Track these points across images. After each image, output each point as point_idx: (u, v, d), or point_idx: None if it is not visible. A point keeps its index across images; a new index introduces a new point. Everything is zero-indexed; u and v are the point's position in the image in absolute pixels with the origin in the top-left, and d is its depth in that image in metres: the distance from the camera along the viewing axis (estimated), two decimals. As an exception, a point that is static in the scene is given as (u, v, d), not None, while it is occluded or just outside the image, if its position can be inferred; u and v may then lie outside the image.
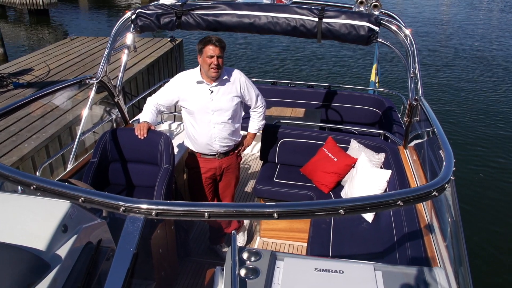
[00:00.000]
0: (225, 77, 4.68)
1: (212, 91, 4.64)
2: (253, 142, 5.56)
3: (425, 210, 4.08)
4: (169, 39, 13.68)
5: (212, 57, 4.42)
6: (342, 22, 4.61)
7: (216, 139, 4.85)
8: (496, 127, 12.92)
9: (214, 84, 4.63)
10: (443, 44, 22.73)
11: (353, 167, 5.38)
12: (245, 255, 2.69)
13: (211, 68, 4.46)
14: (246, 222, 5.86)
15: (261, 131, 5.65)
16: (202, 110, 4.71)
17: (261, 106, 5.12)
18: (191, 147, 5.05)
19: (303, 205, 2.38)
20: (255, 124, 5.28)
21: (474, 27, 27.22)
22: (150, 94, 5.06)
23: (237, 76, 4.76)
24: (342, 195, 5.34)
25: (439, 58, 20.03)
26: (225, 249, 5.59)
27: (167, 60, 13.66)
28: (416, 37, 4.64)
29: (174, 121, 6.97)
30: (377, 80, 10.19)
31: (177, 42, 13.47)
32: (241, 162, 5.46)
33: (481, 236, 8.23)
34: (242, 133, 5.21)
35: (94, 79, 4.97)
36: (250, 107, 5.11)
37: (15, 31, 24.82)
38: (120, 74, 5.53)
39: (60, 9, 29.91)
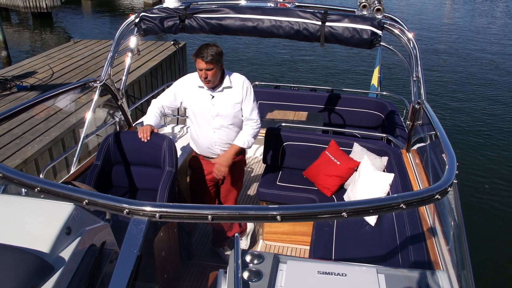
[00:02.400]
0: (228, 83, 4.66)
1: (213, 97, 4.64)
2: (256, 146, 5.54)
3: (427, 214, 4.08)
4: (172, 42, 13.69)
5: (201, 70, 4.42)
6: (345, 25, 4.61)
7: (217, 144, 4.86)
8: (499, 131, 12.91)
9: (216, 89, 4.64)
10: (446, 48, 22.73)
11: (356, 170, 5.39)
12: (248, 258, 2.69)
13: (203, 80, 4.50)
14: (249, 225, 5.86)
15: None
16: (202, 115, 4.72)
17: (255, 121, 4.85)
18: (195, 149, 5.07)
19: (306, 207, 2.39)
20: (242, 137, 4.88)
21: (477, 32, 27.20)
22: (153, 97, 5.07)
23: (241, 82, 4.71)
24: (345, 198, 5.34)
25: (442, 61, 20.02)
26: (228, 252, 5.59)
27: (170, 63, 13.67)
28: (419, 40, 4.65)
29: (177, 124, 6.98)
30: (379, 84, 10.18)
31: (180, 45, 13.48)
32: (244, 164, 5.44)
33: (484, 240, 8.22)
34: None
35: (98, 82, 4.97)
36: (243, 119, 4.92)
37: (19, 34, 24.88)
38: (124, 77, 5.54)
39: (63, 12, 29.98)
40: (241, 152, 5.11)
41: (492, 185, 10.15)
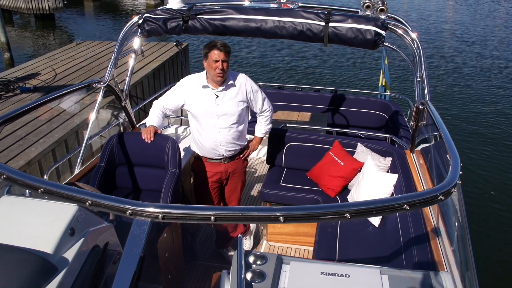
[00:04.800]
0: (231, 82, 4.68)
1: (217, 96, 4.64)
2: (259, 146, 5.57)
3: (431, 214, 4.07)
4: (174, 43, 13.68)
5: (217, 61, 4.42)
6: (348, 26, 4.60)
7: (221, 144, 4.86)
8: (503, 131, 12.88)
9: (220, 88, 4.63)
10: (450, 48, 22.69)
11: (360, 171, 5.38)
12: (251, 259, 2.69)
13: (216, 73, 4.47)
14: (252, 226, 5.86)
15: (267, 135, 5.64)
16: (207, 115, 4.72)
17: (268, 110, 5.10)
18: (197, 151, 5.06)
19: (309, 208, 2.39)
20: (262, 128, 5.27)
21: (480, 32, 27.15)
22: (156, 98, 5.07)
23: (243, 80, 4.76)
24: (348, 199, 5.33)
25: (446, 62, 20.00)
26: (231, 253, 5.59)
27: (172, 64, 13.69)
28: (423, 41, 4.64)
29: (181, 125, 6.98)
30: (385, 84, 10.17)
31: (182, 46, 13.46)
32: (248, 166, 5.45)
33: (488, 240, 8.21)
34: (248, 137, 5.21)
35: (102, 83, 4.97)
36: (256, 112, 5.12)
37: (22, 36, 24.91)
38: (127, 78, 5.53)
39: (66, 14, 30.01)
40: (241, 152, 5.15)
41: (496, 186, 10.13)
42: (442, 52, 21.77)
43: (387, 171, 5.26)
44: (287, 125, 6.61)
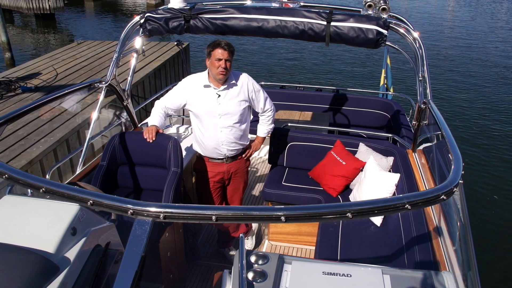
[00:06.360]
0: (233, 81, 4.67)
1: (219, 95, 4.64)
2: (261, 145, 5.56)
3: (433, 214, 4.07)
4: (175, 43, 13.67)
5: (220, 60, 4.42)
6: (350, 25, 4.59)
7: (223, 143, 4.85)
8: (505, 130, 12.86)
9: (222, 88, 4.63)
10: (452, 47, 22.66)
11: (362, 170, 5.37)
12: (252, 259, 2.69)
13: (219, 71, 4.47)
14: (254, 225, 5.86)
15: (269, 135, 5.64)
16: (208, 114, 4.71)
17: (270, 110, 5.09)
18: (199, 151, 5.06)
19: (311, 208, 2.39)
20: (264, 128, 5.25)
21: (482, 31, 27.13)
22: (158, 98, 5.07)
23: (245, 80, 4.76)
24: (350, 199, 5.32)
25: (448, 61, 19.97)
26: (233, 252, 5.58)
27: (173, 63, 13.68)
28: (425, 40, 4.63)
29: (183, 124, 6.98)
30: (386, 84, 10.16)
31: (183, 45, 13.45)
32: (249, 165, 5.45)
33: (490, 240, 8.19)
34: (250, 136, 5.20)
35: (103, 82, 4.97)
36: (258, 112, 5.11)
37: (22, 36, 24.92)
38: (129, 78, 5.53)
39: (67, 13, 30.05)
40: (244, 152, 5.15)
41: (499, 185, 10.11)
42: (444, 51, 21.75)
43: (389, 171, 5.25)
44: (289, 124, 6.60)
